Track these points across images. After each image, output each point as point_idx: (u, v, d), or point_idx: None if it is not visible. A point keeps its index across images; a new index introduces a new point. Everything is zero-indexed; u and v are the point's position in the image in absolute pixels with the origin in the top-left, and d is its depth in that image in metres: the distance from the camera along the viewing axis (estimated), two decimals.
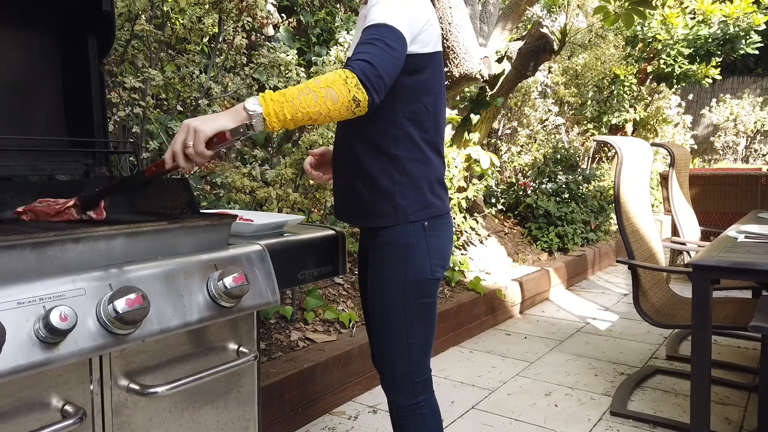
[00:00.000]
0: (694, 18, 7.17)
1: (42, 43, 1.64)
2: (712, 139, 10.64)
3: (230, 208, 2.67)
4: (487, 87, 4.41)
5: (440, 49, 1.42)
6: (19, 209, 1.31)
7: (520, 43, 4.35)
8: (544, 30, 4.20)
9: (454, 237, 4.17)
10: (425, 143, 1.42)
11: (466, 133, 4.47)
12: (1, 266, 0.97)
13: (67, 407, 1.00)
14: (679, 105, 8.60)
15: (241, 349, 1.32)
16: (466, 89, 4.49)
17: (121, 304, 0.98)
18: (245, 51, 2.85)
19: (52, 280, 0.98)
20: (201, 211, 1.52)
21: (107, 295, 1.00)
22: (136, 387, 1.10)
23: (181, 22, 2.67)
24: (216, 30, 2.69)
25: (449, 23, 3.61)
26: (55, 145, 1.65)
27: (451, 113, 4.22)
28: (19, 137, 1.57)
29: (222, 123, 1.10)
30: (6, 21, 1.56)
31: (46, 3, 1.61)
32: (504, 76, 4.38)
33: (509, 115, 6.11)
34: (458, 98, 4.86)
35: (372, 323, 1.51)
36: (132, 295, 1.00)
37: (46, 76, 1.65)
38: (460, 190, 4.29)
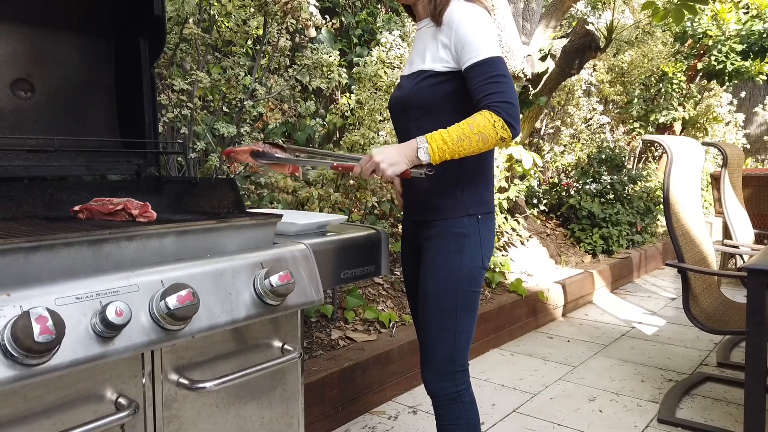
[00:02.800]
0: (747, 12, 6.90)
1: (97, 48, 1.70)
2: (766, 138, 10.20)
3: (273, 208, 2.72)
4: (530, 86, 4.35)
5: None
6: (75, 208, 1.36)
7: (565, 41, 4.28)
8: (590, 27, 4.11)
9: (495, 238, 4.13)
10: None
11: None
12: (60, 262, 1.01)
13: (121, 400, 1.03)
14: (731, 103, 8.28)
15: (285, 346, 1.34)
16: None
17: (172, 301, 1.01)
18: (288, 53, 2.89)
19: (108, 276, 1.02)
20: (247, 210, 1.54)
21: (159, 292, 1.03)
22: (186, 382, 1.13)
23: (227, 25, 2.73)
24: (261, 32, 2.73)
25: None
26: (109, 146, 1.71)
27: None
28: (76, 138, 1.63)
29: (402, 168, 1.36)
30: (63, 27, 1.62)
31: (100, 9, 1.67)
32: (547, 75, 4.31)
33: (552, 114, 6.01)
34: None
35: (422, 310, 1.55)
36: (183, 292, 1.02)
37: (101, 80, 1.71)
38: (502, 190, 4.24)
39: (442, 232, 1.52)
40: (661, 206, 4.87)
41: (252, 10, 2.66)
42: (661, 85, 6.92)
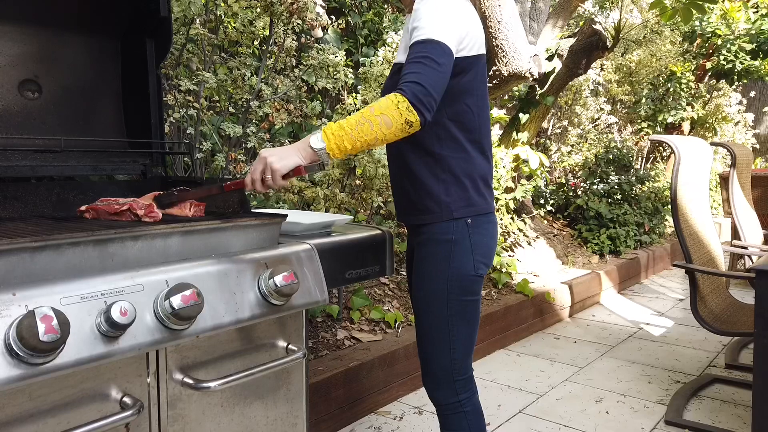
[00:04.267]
0: (756, 11, 6.84)
1: (104, 49, 1.71)
2: None
3: (279, 208, 2.72)
4: (536, 86, 4.33)
5: (484, 51, 1.44)
6: (82, 208, 1.37)
7: (572, 41, 4.26)
8: (597, 26, 4.09)
9: (501, 238, 4.12)
10: (469, 143, 1.44)
11: (514, 133, 4.40)
12: (66, 262, 1.01)
13: (126, 399, 1.03)
14: (740, 102, 8.22)
15: (290, 346, 1.34)
16: (515, 88, 4.42)
17: (176, 301, 1.01)
18: (295, 53, 2.89)
19: (113, 276, 1.02)
20: (252, 210, 1.54)
21: (164, 292, 1.04)
22: (190, 381, 1.13)
23: (234, 25, 2.73)
24: (267, 33, 2.74)
25: (498, 21, 3.57)
26: (115, 146, 1.71)
27: (499, 113, 4.17)
28: (82, 138, 1.64)
29: (295, 161, 1.22)
30: (70, 28, 1.63)
31: (107, 10, 1.67)
32: (554, 75, 4.29)
33: (559, 114, 5.99)
34: (506, 97, 4.80)
35: (416, 319, 1.53)
36: (187, 292, 1.03)
37: (108, 80, 1.72)
38: (508, 190, 4.23)
39: (429, 239, 1.44)
40: (669, 207, 4.84)
41: (258, 10, 2.67)
42: (669, 84, 6.88)
